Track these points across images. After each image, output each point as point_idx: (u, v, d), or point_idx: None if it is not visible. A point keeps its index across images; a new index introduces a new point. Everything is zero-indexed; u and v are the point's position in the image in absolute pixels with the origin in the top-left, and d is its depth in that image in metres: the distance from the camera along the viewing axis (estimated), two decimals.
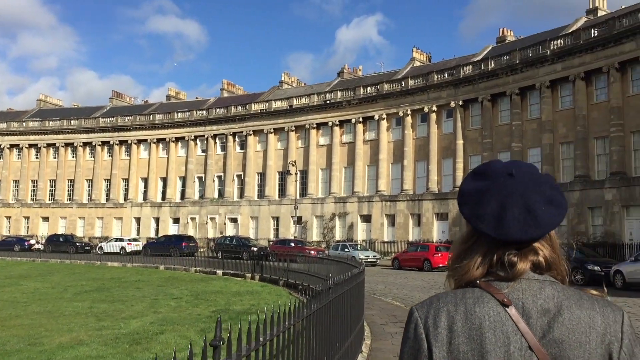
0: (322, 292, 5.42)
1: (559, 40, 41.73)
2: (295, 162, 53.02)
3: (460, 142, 47.59)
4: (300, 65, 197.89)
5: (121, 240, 53.40)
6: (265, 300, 17.78)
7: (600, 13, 45.66)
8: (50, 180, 69.71)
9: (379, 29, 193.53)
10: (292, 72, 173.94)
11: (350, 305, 7.41)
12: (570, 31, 42.68)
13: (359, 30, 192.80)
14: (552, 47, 41.68)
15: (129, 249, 50.12)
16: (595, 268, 24.22)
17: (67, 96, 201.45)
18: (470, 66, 47.94)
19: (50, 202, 69.15)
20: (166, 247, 47.00)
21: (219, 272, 30.22)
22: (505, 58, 45.23)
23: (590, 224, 38.28)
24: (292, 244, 43.24)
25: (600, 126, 38.65)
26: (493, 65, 45.81)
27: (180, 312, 15.30)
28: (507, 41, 53.35)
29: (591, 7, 47.24)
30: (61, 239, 54.54)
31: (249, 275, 27.71)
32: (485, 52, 52.25)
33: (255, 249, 43.41)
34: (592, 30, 39.60)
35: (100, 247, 52.33)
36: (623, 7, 42.62)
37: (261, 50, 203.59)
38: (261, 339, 3.24)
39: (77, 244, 53.58)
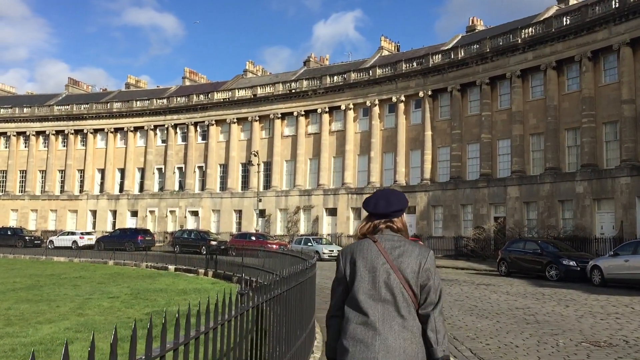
0: (231, 303, 3.57)
1: (530, 29, 40.46)
2: (257, 153, 50.79)
3: (428, 133, 46.07)
4: (276, 60, 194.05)
5: (73, 233, 50.47)
6: (213, 300, 15.80)
7: (572, 1, 44.55)
8: (1, 171, 66.17)
9: (356, 25, 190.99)
10: (267, 66, 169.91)
11: (288, 310, 5.56)
12: (541, 19, 41.47)
13: (336, 25, 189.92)
14: (523, 36, 40.39)
15: (81, 243, 47.42)
16: (571, 263, 22.82)
17: (36, 88, 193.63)
18: (440, 55, 46.40)
19: (0, 193, 65.65)
20: (121, 241, 44.51)
21: (171, 267, 28.20)
22: (475, 47, 43.78)
23: (560, 217, 37.15)
24: (253, 238, 41.26)
25: (571, 117, 37.55)
26: (463, 54, 44.34)
27: (109, 314, 13.27)
28: (476, 30, 52.05)
29: None
30: (9, 232, 51.38)
31: (202, 270, 25.85)
32: (455, 41, 50.82)
33: (215, 243, 41.17)
34: (564, 19, 38.41)
35: (51, 241, 49.44)
36: None
37: (239, 45, 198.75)
38: None
39: (27, 238, 50.54)
